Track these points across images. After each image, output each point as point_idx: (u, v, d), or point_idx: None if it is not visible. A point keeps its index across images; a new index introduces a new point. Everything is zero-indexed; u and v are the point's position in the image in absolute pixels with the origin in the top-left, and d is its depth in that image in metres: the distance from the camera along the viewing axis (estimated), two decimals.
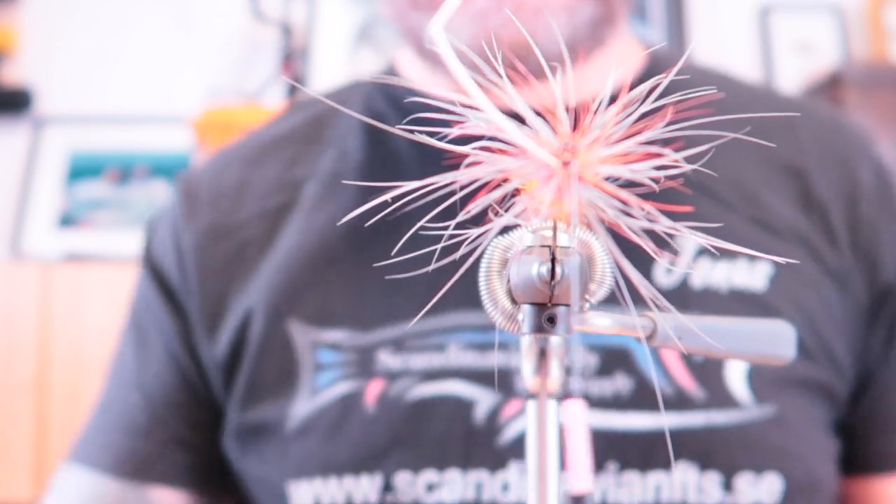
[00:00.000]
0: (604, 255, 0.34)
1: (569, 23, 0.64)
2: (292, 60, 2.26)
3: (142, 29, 2.38)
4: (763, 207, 0.68)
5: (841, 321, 0.67)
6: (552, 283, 0.31)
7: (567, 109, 0.30)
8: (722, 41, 2.36)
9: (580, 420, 0.37)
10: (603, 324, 0.34)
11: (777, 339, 0.39)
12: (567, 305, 0.32)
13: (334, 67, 2.26)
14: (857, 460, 0.70)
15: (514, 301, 0.34)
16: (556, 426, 0.35)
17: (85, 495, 0.72)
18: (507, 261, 0.34)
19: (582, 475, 0.36)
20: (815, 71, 2.22)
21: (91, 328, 1.93)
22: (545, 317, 0.32)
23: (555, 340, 0.36)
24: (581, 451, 0.36)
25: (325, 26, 2.31)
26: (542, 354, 0.36)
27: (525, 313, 0.32)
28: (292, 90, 2.22)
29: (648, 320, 0.35)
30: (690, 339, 0.35)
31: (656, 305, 0.32)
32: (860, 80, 2.03)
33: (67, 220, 2.26)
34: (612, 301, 0.35)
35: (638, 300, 0.32)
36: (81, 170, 2.30)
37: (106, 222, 2.26)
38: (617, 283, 0.34)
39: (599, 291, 0.34)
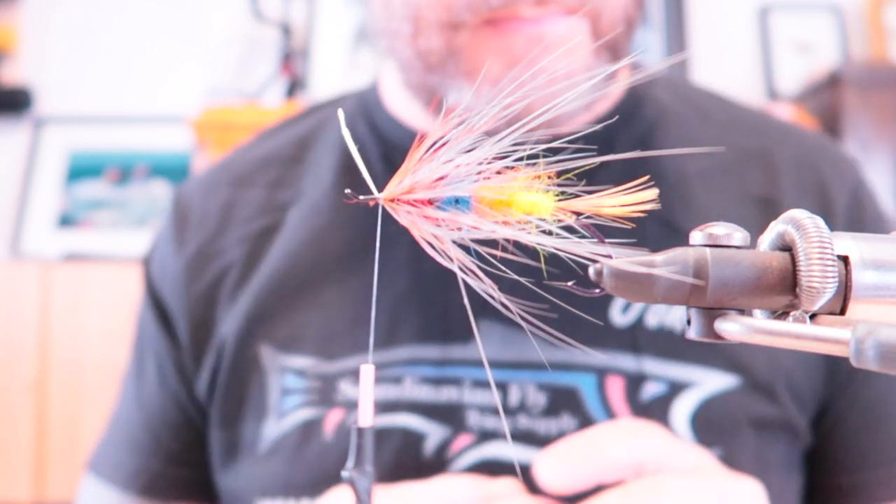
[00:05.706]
0: (805, 260, 0.29)
1: (592, 89, 0.64)
2: (292, 60, 2.26)
3: (141, 29, 2.38)
4: None
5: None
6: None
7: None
8: (722, 41, 2.36)
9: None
10: (794, 332, 0.28)
11: None
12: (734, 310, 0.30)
13: (334, 67, 2.26)
14: (820, 493, 0.70)
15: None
16: None
17: None
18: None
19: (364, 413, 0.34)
20: (815, 71, 2.22)
21: (90, 328, 1.93)
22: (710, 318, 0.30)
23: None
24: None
25: (325, 26, 2.31)
26: None
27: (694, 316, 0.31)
28: (292, 90, 2.22)
29: (865, 329, 0.25)
30: None
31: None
32: (860, 80, 2.03)
33: (67, 220, 2.26)
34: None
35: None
36: (81, 170, 2.30)
37: (105, 222, 2.26)
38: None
39: (808, 297, 0.29)
